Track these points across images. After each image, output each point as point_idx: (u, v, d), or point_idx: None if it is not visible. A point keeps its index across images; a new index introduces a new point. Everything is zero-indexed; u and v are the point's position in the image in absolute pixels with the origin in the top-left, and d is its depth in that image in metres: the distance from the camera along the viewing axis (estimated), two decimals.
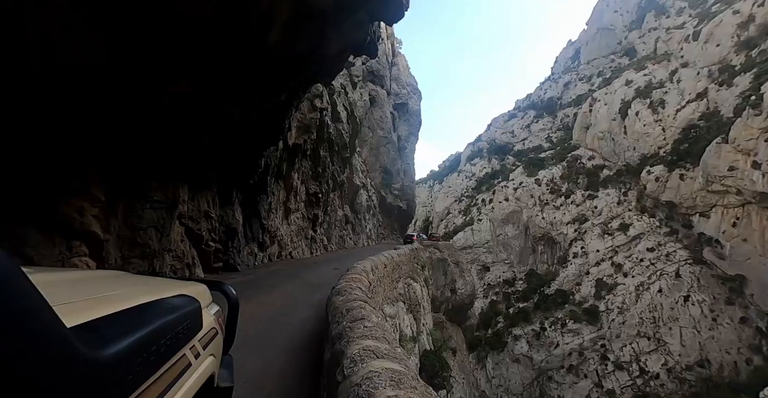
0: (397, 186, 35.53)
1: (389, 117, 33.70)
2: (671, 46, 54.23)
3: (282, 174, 12.65)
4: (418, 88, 41.69)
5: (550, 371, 40.35)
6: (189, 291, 1.44)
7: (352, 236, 24.23)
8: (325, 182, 16.70)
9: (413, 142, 40.71)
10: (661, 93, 47.53)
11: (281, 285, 8.15)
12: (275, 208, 12.68)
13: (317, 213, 16.28)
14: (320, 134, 15.05)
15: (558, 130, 76.61)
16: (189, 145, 6.91)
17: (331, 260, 14.39)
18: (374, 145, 31.68)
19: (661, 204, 41.28)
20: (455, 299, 28.92)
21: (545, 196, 53.62)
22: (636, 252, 40.07)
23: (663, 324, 34.73)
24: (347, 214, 22.66)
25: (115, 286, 1.27)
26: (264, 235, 11.63)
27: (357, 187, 24.27)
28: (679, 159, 40.40)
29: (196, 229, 8.02)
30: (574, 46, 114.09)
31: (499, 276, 56.41)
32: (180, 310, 1.17)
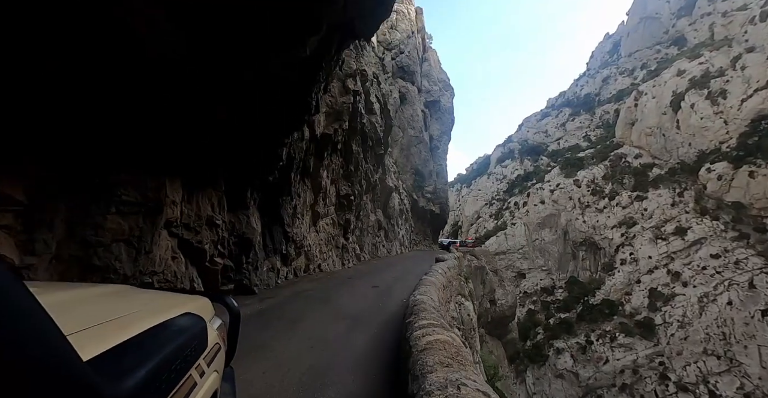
0: (429, 188, 34.31)
1: (420, 115, 32.71)
2: (732, 30, 48.73)
3: (309, 171, 11.25)
4: (450, 84, 40.08)
5: (599, 389, 36.76)
6: (193, 307, 1.44)
7: (385, 243, 23.22)
8: (358, 183, 15.16)
9: (446, 142, 39.04)
10: (722, 82, 42.58)
11: (307, 317, 6.29)
12: (301, 213, 11.68)
13: (349, 218, 14.75)
14: (353, 124, 13.62)
15: (597, 127, 71.53)
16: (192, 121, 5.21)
17: (366, 274, 13.14)
18: (405, 145, 30.85)
19: (726, 205, 36.59)
20: (495, 311, 27.17)
21: (586, 198, 49.77)
22: (697, 259, 35.68)
23: (736, 342, 30.36)
24: (380, 219, 21.72)
25: (123, 306, 1.22)
26: (288, 246, 10.84)
27: (390, 190, 23.38)
28: (747, 154, 35.73)
29: (195, 242, 6.15)
30: (612, 39, 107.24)
31: (536, 284, 53.00)
32: (187, 332, 1.18)
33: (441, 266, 10.28)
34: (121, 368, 0.74)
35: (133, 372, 0.76)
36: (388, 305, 7.91)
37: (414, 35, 33.31)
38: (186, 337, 1.15)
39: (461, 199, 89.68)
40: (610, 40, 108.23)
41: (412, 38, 32.76)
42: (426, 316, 3.29)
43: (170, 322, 1.15)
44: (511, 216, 60.68)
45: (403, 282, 11.29)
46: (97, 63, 3.75)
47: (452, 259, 13.64)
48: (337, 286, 10.20)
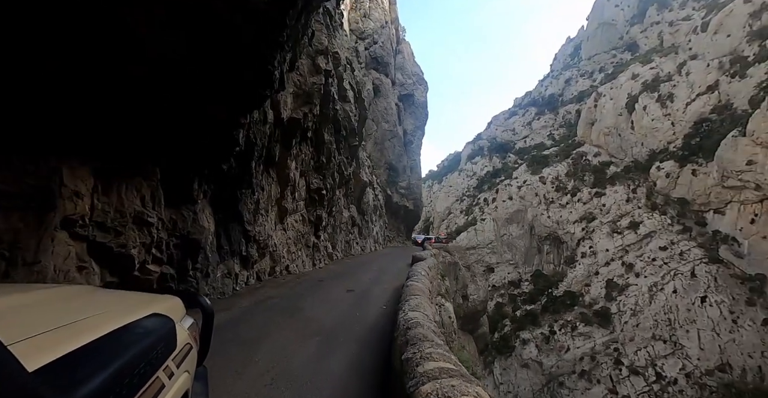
0: (403, 184, 33.70)
1: (394, 109, 31.81)
2: (678, 38, 52.75)
3: (274, 160, 9.81)
4: (423, 78, 39.52)
5: (561, 377, 38.66)
6: (162, 308, 1.39)
7: (359, 240, 22.13)
8: (330, 176, 13.88)
9: (419, 137, 38.54)
10: (670, 86, 45.98)
11: (268, 337, 5.12)
12: (265, 208, 10.16)
13: (321, 214, 13.43)
14: (324, 111, 12.35)
15: (560, 126, 75.11)
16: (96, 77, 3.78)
17: (339, 275, 12.03)
18: (379, 140, 29.85)
19: (672, 201, 39.69)
20: (467, 306, 27.22)
21: (550, 195, 51.99)
22: (648, 251, 38.45)
23: (679, 327, 33.10)
24: (354, 216, 20.56)
25: (84, 308, 1.16)
26: (249, 246, 9.43)
27: (364, 184, 22.28)
28: (691, 154, 38.84)
29: (115, 246, 4.75)
30: (573, 43, 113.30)
31: (504, 278, 54.80)
32: (153, 334, 1.15)
33: (422, 267, 9.48)
34: (75, 377, 0.70)
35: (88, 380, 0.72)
36: (366, 313, 6.96)
37: (388, 25, 32.22)
38: (152, 339, 1.12)
39: (432, 195, 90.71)
40: (572, 44, 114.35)
41: (386, 28, 31.66)
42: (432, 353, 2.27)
43: (134, 324, 1.11)
44: (481, 212, 62.11)
45: (380, 285, 10.41)
46: None
47: (431, 258, 12.92)
48: (307, 291, 9.04)
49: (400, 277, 11.66)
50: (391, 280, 11.11)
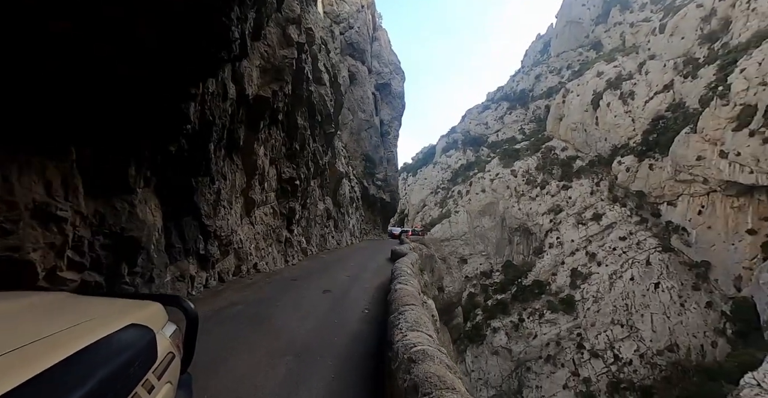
0: (380, 176, 32.81)
1: (371, 98, 30.60)
2: (638, 38, 55.54)
3: (238, 144, 8.42)
4: (400, 67, 38.36)
5: (528, 362, 40.46)
6: (140, 317, 1.32)
7: (335, 234, 21.03)
8: (304, 165, 12.62)
9: (396, 128, 37.37)
10: (631, 84, 48.44)
11: (225, 359, 4.05)
12: (228, 200, 8.80)
13: (294, 206, 12.21)
14: (297, 92, 11.08)
15: (530, 121, 77.47)
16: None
17: (314, 273, 10.93)
18: (355, 129, 28.61)
19: (632, 193, 42.20)
20: (443, 298, 27.20)
21: (521, 187, 53.58)
22: (609, 241, 40.76)
23: (635, 311, 35.54)
24: (329, 208, 19.40)
25: (54, 321, 1.07)
26: (209, 243, 8.11)
27: (340, 175, 21.10)
28: (648, 149, 41.28)
29: (1, 249, 3.43)
30: (543, 40, 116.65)
31: (476, 269, 56.17)
32: (131, 347, 1.10)
33: (406, 264, 8.73)
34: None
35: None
36: (346, 320, 6.08)
37: (364, 10, 30.71)
38: (130, 353, 1.07)
39: (408, 188, 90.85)
40: (541, 41, 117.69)
41: (362, 13, 30.16)
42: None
43: (110, 338, 1.04)
44: (455, 204, 62.97)
45: (360, 283, 9.55)
46: None
47: (412, 253, 12.19)
48: (278, 294, 7.92)
49: (380, 274, 10.93)
50: (371, 278, 10.31)
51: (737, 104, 30.64)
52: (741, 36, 37.18)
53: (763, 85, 28.79)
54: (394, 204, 39.89)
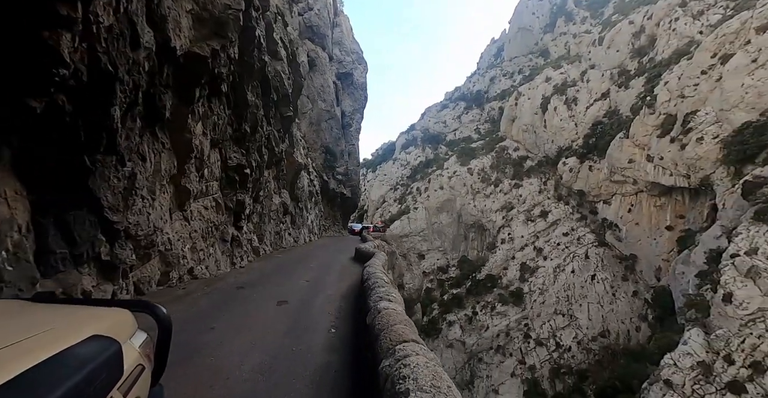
0: (341, 169, 31.14)
1: (332, 87, 28.66)
2: (581, 48, 59.79)
3: (163, 116, 6.61)
4: (363, 58, 36.55)
5: (480, 353, 42.15)
6: (105, 326, 1.21)
7: (292, 231, 19.05)
8: (257, 151, 10.69)
9: (358, 120, 35.65)
10: (574, 91, 52.05)
11: None
12: (149, 187, 6.61)
13: (243, 199, 10.31)
14: (248, 60, 9.17)
15: (485, 122, 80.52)
16: None
17: (267, 278, 9.20)
18: (314, 120, 26.58)
19: (574, 192, 45.52)
20: (403, 295, 26.75)
21: (477, 185, 55.36)
22: (554, 236, 43.65)
23: (575, 301, 38.51)
24: (286, 202, 17.39)
25: (5, 331, 0.96)
26: (118, 246, 6.04)
27: (299, 167, 19.19)
28: (589, 152, 44.67)
29: None
30: (497, 44, 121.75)
31: (433, 264, 57.25)
32: (92, 362, 0.98)
33: (378, 268, 7.54)
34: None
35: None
36: (308, 347, 4.55)
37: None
38: (90, 370, 0.95)
39: (367, 184, 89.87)
40: (495, 45, 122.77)
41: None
42: None
43: (67, 353, 0.93)
44: (414, 201, 63.46)
45: (323, 290, 7.99)
46: None
47: (380, 253, 10.97)
48: (216, 310, 5.90)
49: (345, 277, 9.70)
50: (335, 283, 8.98)
51: (661, 113, 34.03)
52: (664, 52, 41.44)
53: (681, 97, 32.20)
54: (355, 200, 38.55)
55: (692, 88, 31.41)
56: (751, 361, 18.57)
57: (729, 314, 19.76)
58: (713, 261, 23.40)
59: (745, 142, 25.36)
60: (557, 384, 35.63)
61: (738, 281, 19.95)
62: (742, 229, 21.45)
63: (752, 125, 25.95)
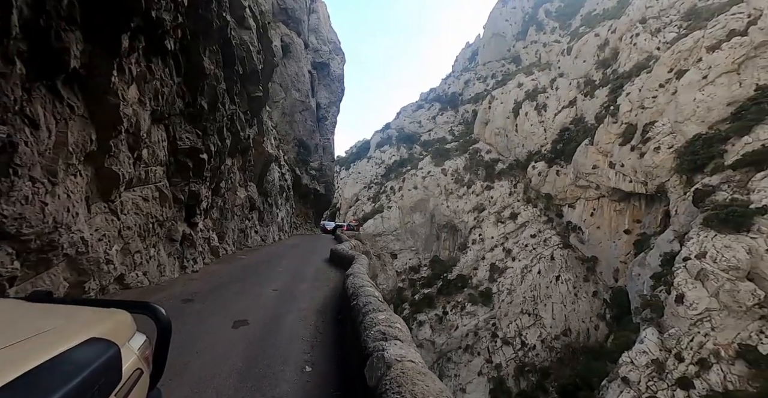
0: (314, 164, 29.43)
1: (307, 77, 26.89)
2: (551, 57, 62.16)
3: (66, 67, 4.76)
4: (341, 48, 34.79)
5: (449, 353, 42.48)
6: (103, 329, 1.18)
7: (259, 229, 17.24)
8: (216, 133, 8.75)
9: (334, 114, 33.96)
10: (544, 97, 53.93)
11: None
12: (49, 168, 5.14)
13: (198, 190, 8.39)
14: (203, 13, 7.43)
15: (459, 124, 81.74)
16: None
17: (225, 286, 7.64)
18: (288, 110, 24.75)
19: (542, 196, 47.14)
20: None
21: (450, 186, 55.84)
22: (522, 238, 44.93)
23: (540, 301, 39.83)
24: (253, 196, 15.61)
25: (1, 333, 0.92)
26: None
27: (269, 158, 17.39)
28: (556, 157, 46.41)
29: None
30: (471, 49, 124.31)
31: (405, 264, 57.07)
32: (90, 367, 0.95)
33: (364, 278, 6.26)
34: None
35: None
36: (272, 394, 3.36)
37: None
38: (88, 374, 0.92)
39: (340, 182, 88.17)
40: (470, 49, 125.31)
41: None
42: None
43: (64, 357, 0.90)
44: (388, 199, 62.93)
45: (294, 302, 6.64)
46: None
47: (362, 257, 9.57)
48: None
49: (320, 285, 8.34)
50: (309, 292, 7.56)
51: (623, 122, 35.87)
52: (626, 65, 43.88)
53: (641, 107, 34.10)
54: (328, 197, 36.85)
55: (651, 100, 33.35)
56: (698, 358, 19.84)
57: (681, 314, 21.00)
58: (667, 263, 24.89)
59: (696, 152, 27.18)
60: (521, 381, 36.67)
61: (689, 283, 21.25)
62: (693, 234, 22.91)
63: (702, 137, 27.90)
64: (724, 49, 28.76)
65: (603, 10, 60.09)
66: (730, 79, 28.18)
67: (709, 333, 20.18)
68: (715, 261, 20.87)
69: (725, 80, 28.31)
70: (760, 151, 22.78)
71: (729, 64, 28.25)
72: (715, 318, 20.24)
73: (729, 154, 25.17)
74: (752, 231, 20.67)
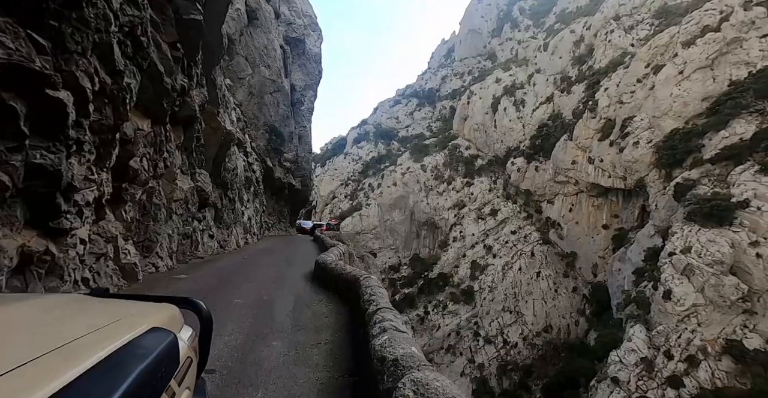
0: (289, 155, 25.76)
1: (279, 52, 23.35)
2: (528, 53, 62.26)
3: None
4: (318, 25, 30.98)
5: (431, 354, 41.15)
6: (161, 319, 1.28)
7: (216, 232, 13.31)
8: (94, 55, 4.25)
9: (311, 99, 30.16)
10: (522, 93, 53.78)
11: None
12: None
13: (63, 163, 3.82)
14: None
15: (437, 120, 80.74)
16: None
17: None
18: (256, 89, 21.08)
19: (521, 192, 46.86)
20: None
21: (430, 182, 54.53)
22: (503, 234, 44.41)
23: (521, 298, 39.41)
24: (204, 188, 11.71)
25: (76, 324, 1.04)
26: None
27: (227, 138, 13.12)
28: (535, 152, 46.21)
29: None
30: (447, 45, 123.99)
31: (385, 262, 55.20)
32: (156, 353, 1.04)
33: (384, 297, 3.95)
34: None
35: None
36: None
37: None
38: (155, 360, 0.99)
39: (316, 179, 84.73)
40: (446, 46, 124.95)
41: None
42: None
43: (135, 343, 0.98)
44: (366, 197, 60.69)
45: (265, 384, 3.24)
46: None
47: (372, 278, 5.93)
48: None
49: (306, 344, 4.26)
50: (285, 373, 3.53)
51: (602, 118, 35.83)
52: (601, 61, 44.28)
53: (620, 102, 34.11)
54: (305, 193, 32.59)
55: (629, 95, 33.39)
56: (686, 355, 19.50)
57: (668, 310, 20.61)
58: (650, 258, 24.68)
59: (675, 147, 27.21)
60: (504, 381, 36.05)
61: (676, 278, 20.91)
62: (677, 229, 22.69)
63: (680, 132, 28.02)
64: (698, 44, 29.02)
65: (576, 7, 60.91)
66: (704, 74, 28.48)
67: (696, 329, 19.90)
68: (700, 255, 20.64)
69: (700, 76, 28.59)
70: (738, 145, 22.88)
71: (703, 60, 28.54)
72: (701, 314, 20.00)
73: (707, 149, 25.27)
74: (734, 225, 20.60)
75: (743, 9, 27.91)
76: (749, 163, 21.60)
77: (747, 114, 23.65)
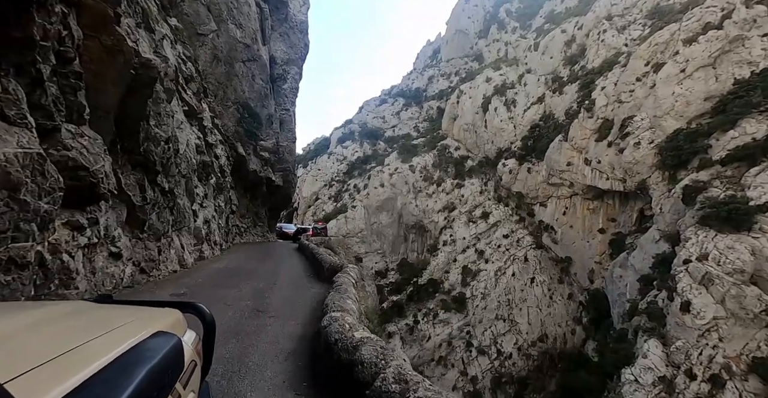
0: (268, 143, 20.14)
1: (255, 11, 18.86)
2: (518, 53, 61.24)
3: None
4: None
5: (421, 366, 38.48)
6: (165, 324, 1.30)
7: (130, 246, 7.71)
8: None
9: (296, 76, 24.68)
10: (513, 93, 52.43)
11: None
12: None
13: None
14: None
15: (425, 120, 78.76)
16: None
17: None
18: (223, 53, 16.18)
19: (513, 194, 45.19)
20: None
21: (419, 184, 52.11)
22: (495, 238, 42.47)
23: (515, 306, 37.46)
24: (83, 161, 4.11)
25: (84, 329, 1.08)
26: None
27: (145, 72, 5.76)
28: (527, 154, 44.68)
29: None
30: (433, 46, 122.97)
31: (372, 268, 52.13)
32: (161, 356, 1.06)
33: None
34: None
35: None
36: None
37: None
38: (160, 363, 1.01)
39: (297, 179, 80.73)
40: (431, 47, 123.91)
41: None
42: None
43: (140, 347, 1.01)
44: (351, 198, 57.55)
45: None
46: None
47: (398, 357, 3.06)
48: None
49: None
50: None
51: (599, 117, 34.47)
52: (594, 61, 43.36)
53: (618, 102, 32.82)
54: (288, 191, 26.90)
55: (628, 94, 32.14)
56: (709, 374, 17.73)
57: (687, 324, 18.81)
58: (660, 265, 23.05)
59: (680, 147, 25.87)
60: (499, 394, 33.84)
61: (694, 289, 19.18)
62: (691, 234, 21.07)
63: (682, 132, 26.76)
64: (700, 42, 28.00)
65: (566, 8, 60.51)
66: (706, 73, 27.44)
67: (717, 345, 18.16)
68: (719, 263, 19.02)
69: (702, 74, 27.53)
70: (751, 145, 21.58)
71: (705, 58, 27.50)
72: (723, 328, 18.29)
73: (714, 149, 23.98)
74: (754, 231, 19.12)
75: (745, 6, 27.09)
76: (766, 165, 20.24)
77: (757, 113, 22.46)
